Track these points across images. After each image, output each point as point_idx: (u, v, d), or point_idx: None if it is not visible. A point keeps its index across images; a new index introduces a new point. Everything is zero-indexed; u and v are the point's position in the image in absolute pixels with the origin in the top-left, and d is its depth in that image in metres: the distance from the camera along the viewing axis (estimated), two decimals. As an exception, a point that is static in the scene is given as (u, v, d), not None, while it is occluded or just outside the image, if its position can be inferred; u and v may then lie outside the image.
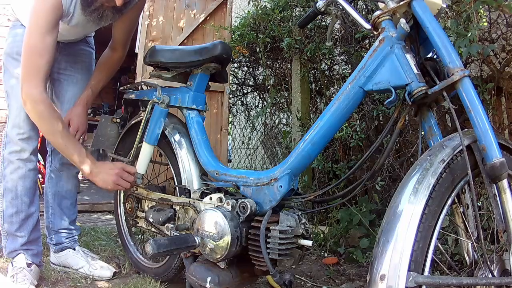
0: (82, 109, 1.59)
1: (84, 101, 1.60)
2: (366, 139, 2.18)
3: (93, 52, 1.76)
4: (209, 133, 2.09)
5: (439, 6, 0.98)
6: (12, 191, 1.47)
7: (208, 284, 1.15)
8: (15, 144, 1.46)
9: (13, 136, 1.46)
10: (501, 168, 0.78)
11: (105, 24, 1.52)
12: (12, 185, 1.46)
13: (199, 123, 1.47)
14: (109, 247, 1.98)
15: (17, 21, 1.51)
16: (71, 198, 1.72)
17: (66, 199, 1.70)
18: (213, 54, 1.39)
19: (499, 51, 1.68)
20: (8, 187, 1.47)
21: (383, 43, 0.99)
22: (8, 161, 1.47)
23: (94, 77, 1.64)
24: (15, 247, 1.47)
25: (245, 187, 1.23)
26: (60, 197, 1.68)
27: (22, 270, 1.42)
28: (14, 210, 1.46)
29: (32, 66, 1.30)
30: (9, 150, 1.47)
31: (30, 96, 1.30)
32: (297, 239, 1.08)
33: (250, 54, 3.26)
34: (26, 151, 1.47)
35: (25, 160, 1.47)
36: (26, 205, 1.48)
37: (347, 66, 2.55)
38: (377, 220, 2.00)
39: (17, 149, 1.46)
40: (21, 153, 1.47)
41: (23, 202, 1.47)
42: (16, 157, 1.46)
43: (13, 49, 1.47)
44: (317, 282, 1.68)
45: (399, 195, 0.78)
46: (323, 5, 1.19)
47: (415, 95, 0.91)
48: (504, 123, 1.76)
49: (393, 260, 0.71)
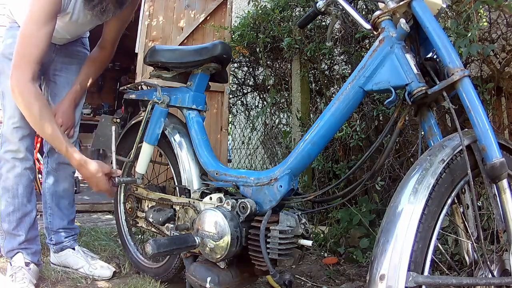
0: (68, 104, 1.59)
1: (72, 96, 1.60)
2: (366, 139, 2.18)
3: (88, 53, 1.76)
4: (209, 133, 2.09)
5: (439, 6, 0.98)
6: (9, 190, 1.47)
7: (208, 284, 1.15)
8: (11, 143, 1.47)
9: (8, 135, 1.47)
10: (501, 168, 0.78)
11: (106, 19, 1.52)
12: (9, 184, 1.47)
13: (199, 123, 1.47)
14: (109, 247, 1.98)
15: (14, 23, 1.51)
16: (68, 198, 1.72)
17: (64, 199, 1.70)
18: (213, 54, 1.39)
19: (499, 51, 1.68)
20: (5, 186, 1.47)
21: (383, 43, 0.99)
22: (4, 160, 1.48)
23: (82, 73, 1.63)
24: (13, 246, 1.47)
25: (245, 187, 1.23)
26: (58, 197, 1.69)
27: (20, 269, 1.42)
28: (11, 209, 1.47)
29: (25, 55, 1.30)
30: (4, 149, 1.48)
31: (19, 83, 1.30)
32: (297, 239, 1.08)
33: (250, 54, 3.25)
34: (22, 151, 1.48)
35: (21, 159, 1.48)
36: (23, 204, 1.49)
37: (347, 66, 2.55)
38: (377, 220, 2.00)
39: (13, 148, 1.47)
40: (17, 152, 1.48)
41: (20, 200, 1.48)
42: (11, 156, 1.47)
43: (9, 50, 1.45)
44: (317, 282, 1.68)
45: (399, 195, 0.78)
46: (323, 5, 1.19)
47: (415, 95, 0.91)
48: (504, 123, 1.76)
49: (393, 260, 0.71)
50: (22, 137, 1.48)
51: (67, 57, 1.66)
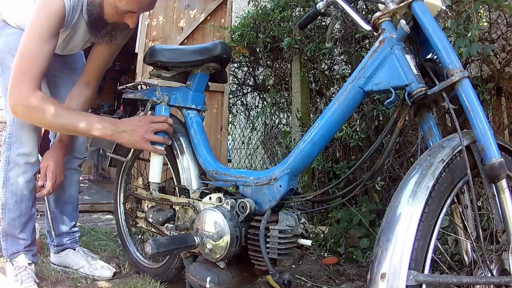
0: (61, 154, 1.50)
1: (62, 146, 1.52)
2: (366, 139, 2.18)
3: None
4: (209, 133, 2.09)
5: (439, 7, 0.98)
6: (17, 195, 1.42)
7: (207, 284, 1.16)
8: (23, 145, 1.40)
9: (20, 136, 1.39)
10: (500, 168, 0.79)
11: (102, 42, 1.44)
12: (17, 188, 1.42)
13: (199, 123, 1.47)
14: (109, 247, 1.98)
15: (4, 22, 1.43)
16: (73, 203, 1.70)
17: (68, 204, 1.68)
18: (213, 54, 1.39)
19: (499, 51, 1.69)
20: (12, 190, 1.42)
21: (383, 44, 0.99)
22: (14, 163, 1.40)
23: None
24: (18, 249, 1.46)
25: (244, 187, 1.23)
26: (62, 203, 1.66)
27: (25, 269, 1.42)
28: (17, 213, 1.43)
29: (25, 72, 1.21)
30: (17, 151, 1.40)
31: (21, 101, 1.21)
32: (297, 238, 1.08)
33: (250, 54, 3.26)
34: (35, 154, 1.42)
35: (33, 164, 1.43)
36: (28, 208, 1.46)
37: (347, 66, 2.56)
38: (377, 220, 2.00)
39: (26, 151, 1.40)
40: (30, 156, 1.41)
41: (26, 205, 1.45)
42: (24, 160, 1.40)
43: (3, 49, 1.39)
44: (317, 282, 1.68)
45: (399, 195, 0.78)
46: (323, 6, 1.19)
47: (415, 95, 0.91)
48: (504, 123, 1.76)
49: (394, 258, 0.71)
50: (34, 138, 1.41)
51: (69, 56, 1.62)
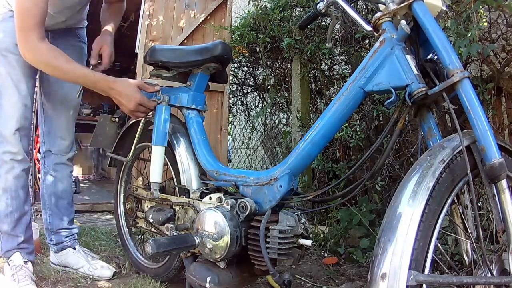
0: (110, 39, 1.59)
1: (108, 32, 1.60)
2: (366, 139, 2.18)
3: (85, 46, 1.72)
4: (209, 133, 2.09)
5: (439, 8, 0.98)
6: (8, 191, 1.46)
7: (208, 284, 1.16)
8: (10, 144, 1.44)
9: (7, 136, 1.44)
10: (500, 169, 0.79)
11: None
12: (7, 185, 1.45)
13: (199, 123, 1.47)
14: (109, 247, 1.98)
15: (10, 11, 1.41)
16: (67, 198, 1.72)
17: (63, 199, 1.70)
18: (213, 54, 1.39)
19: (499, 51, 1.68)
20: (3, 187, 1.46)
21: (384, 44, 0.99)
22: (2, 161, 1.45)
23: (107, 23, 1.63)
24: (12, 246, 1.47)
25: (244, 187, 1.23)
26: (57, 198, 1.68)
27: (21, 268, 1.43)
28: (10, 210, 1.46)
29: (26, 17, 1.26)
30: (2, 150, 1.44)
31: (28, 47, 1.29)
32: (297, 238, 1.09)
33: (250, 54, 3.25)
34: (21, 153, 1.46)
35: (20, 161, 1.46)
36: (21, 205, 1.48)
37: (347, 66, 2.55)
38: (377, 220, 2.00)
39: (13, 150, 1.44)
40: (16, 154, 1.45)
41: (18, 201, 1.47)
42: (10, 157, 1.45)
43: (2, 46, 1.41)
44: (317, 282, 1.68)
45: (399, 195, 0.78)
46: (323, 7, 1.19)
47: (415, 96, 0.92)
48: (504, 123, 1.76)
49: (394, 259, 0.71)
50: (21, 138, 1.46)
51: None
